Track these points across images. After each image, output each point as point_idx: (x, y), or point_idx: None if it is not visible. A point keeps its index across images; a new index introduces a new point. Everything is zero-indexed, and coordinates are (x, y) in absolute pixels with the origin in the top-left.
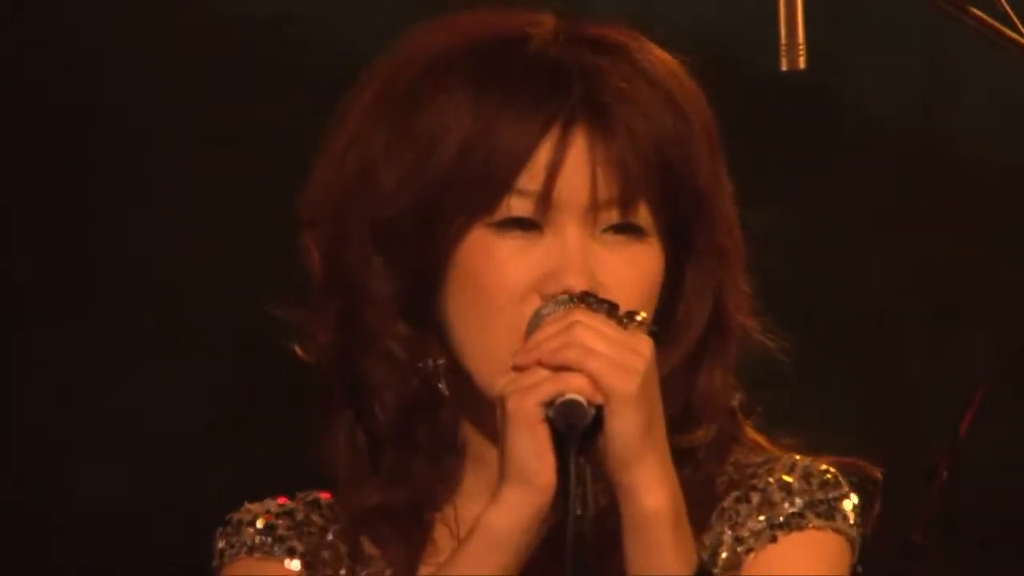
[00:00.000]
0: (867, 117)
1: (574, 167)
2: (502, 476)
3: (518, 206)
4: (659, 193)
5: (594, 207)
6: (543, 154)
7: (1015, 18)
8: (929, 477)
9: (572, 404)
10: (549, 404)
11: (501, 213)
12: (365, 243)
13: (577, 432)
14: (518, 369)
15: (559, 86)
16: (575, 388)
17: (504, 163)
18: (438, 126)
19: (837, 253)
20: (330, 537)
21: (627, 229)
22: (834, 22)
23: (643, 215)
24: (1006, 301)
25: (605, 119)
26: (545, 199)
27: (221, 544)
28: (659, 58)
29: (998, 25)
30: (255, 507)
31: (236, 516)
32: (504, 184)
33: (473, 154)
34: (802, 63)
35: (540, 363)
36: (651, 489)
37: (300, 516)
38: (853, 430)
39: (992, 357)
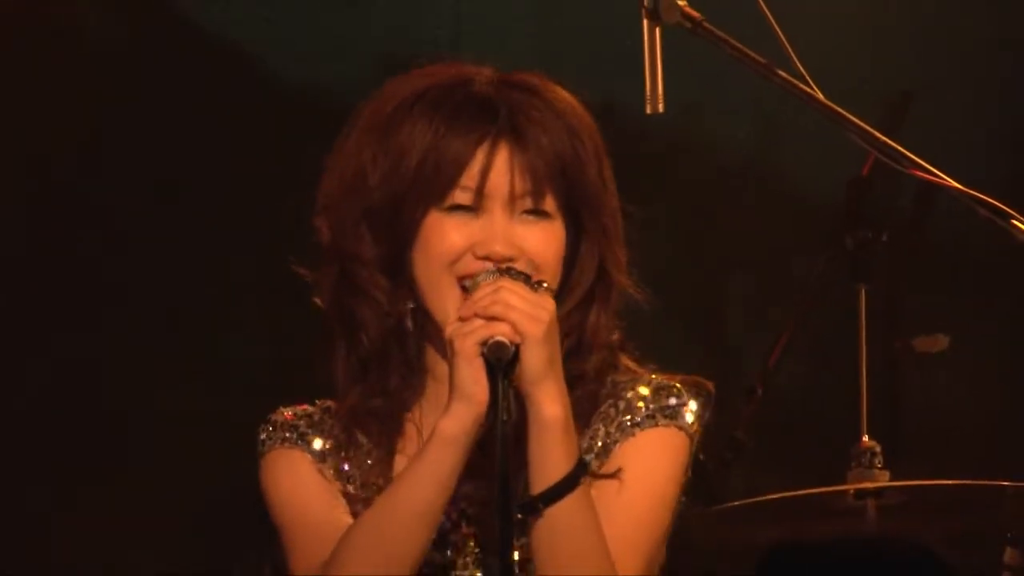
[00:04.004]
0: (712, 148)
1: (499, 169)
2: (450, 395)
3: (460, 197)
4: (560, 188)
5: (513, 197)
6: (477, 161)
7: (809, 79)
8: (749, 393)
9: (499, 344)
10: (483, 344)
11: (449, 202)
12: (358, 223)
13: (502, 363)
14: (462, 319)
15: (489, 114)
16: (501, 332)
17: (449, 167)
18: (406, 143)
19: (689, 243)
20: (336, 432)
21: (537, 212)
22: (691, 76)
23: (549, 203)
24: (803, 275)
25: (520, 137)
26: (479, 192)
27: (263, 436)
28: (562, 96)
29: (798, 83)
30: (287, 410)
31: (273, 416)
32: (450, 181)
33: (428, 161)
34: (661, 108)
35: (477, 315)
36: (550, 401)
37: (317, 417)
38: (697, 363)
39: (789, 314)
